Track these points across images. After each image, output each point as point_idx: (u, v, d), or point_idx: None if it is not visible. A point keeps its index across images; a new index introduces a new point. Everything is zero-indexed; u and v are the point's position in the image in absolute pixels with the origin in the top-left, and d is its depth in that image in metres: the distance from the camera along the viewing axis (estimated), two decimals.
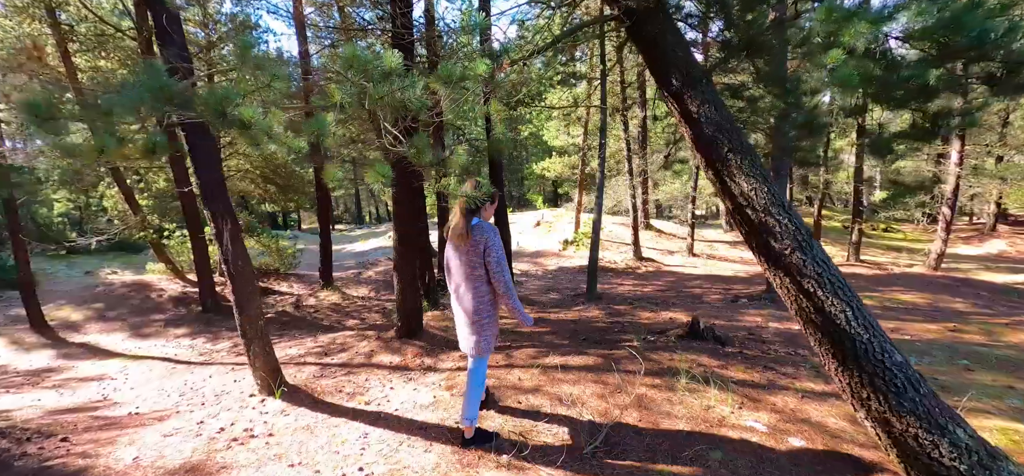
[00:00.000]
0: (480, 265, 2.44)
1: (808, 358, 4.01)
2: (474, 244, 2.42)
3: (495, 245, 2.43)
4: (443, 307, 7.02)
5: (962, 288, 8.33)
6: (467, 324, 2.56)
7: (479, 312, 2.51)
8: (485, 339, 2.56)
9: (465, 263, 2.47)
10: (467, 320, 2.55)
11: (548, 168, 15.22)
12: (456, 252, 2.54)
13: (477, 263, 2.44)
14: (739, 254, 14.38)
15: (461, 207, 2.46)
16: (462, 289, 2.53)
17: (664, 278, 10.71)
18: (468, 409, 2.63)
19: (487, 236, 2.42)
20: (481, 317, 2.52)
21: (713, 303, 7.56)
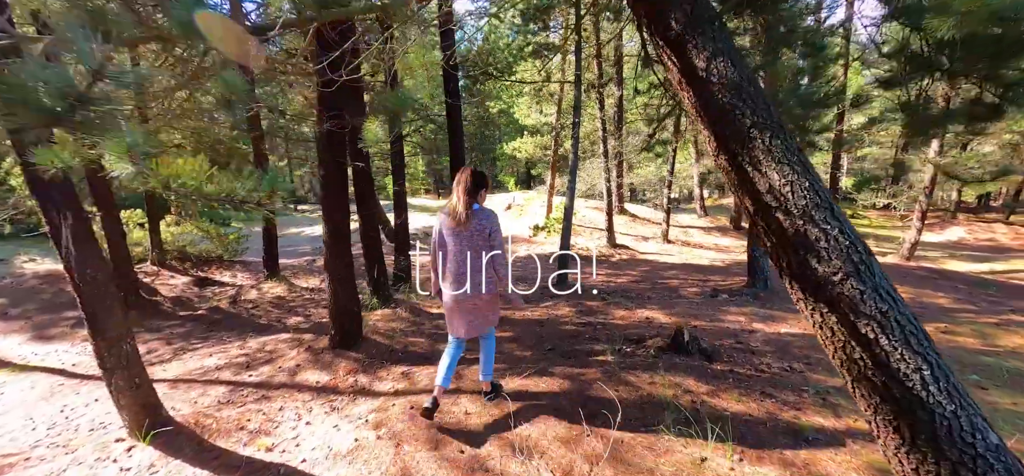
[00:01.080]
0: (487, 249, 2.52)
1: (807, 377, 3.45)
2: (479, 229, 2.49)
3: (499, 230, 2.57)
4: (395, 305, 6.22)
5: (940, 281, 8.13)
6: (476, 305, 2.61)
7: (489, 292, 2.59)
8: (494, 314, 2.77)
9: (469, 247, 2.51)
10: (476, 301, 2.60)
11: (519, 148, 14.41)
12: (457, 237, 2.55)
13: (483, 247, 2.51)
14: (714, 241, 14.11)
15: (464, 190, 2.48)
16: (466, 273, 2.54)
17: (638, 267, 10.20)
18: (486, 369, 2.92)
19: (493, 221, 2.55)
20: (490, 297, 2.62)
21: (691, 298, 7.04)
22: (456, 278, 2.59)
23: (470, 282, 2.55)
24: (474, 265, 2.53)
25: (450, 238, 2.58)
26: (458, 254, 2.55)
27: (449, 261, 2.60)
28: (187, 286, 9.84)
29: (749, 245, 6.72)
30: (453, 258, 2.57)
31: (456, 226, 2.52)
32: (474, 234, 2.50)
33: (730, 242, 14.00)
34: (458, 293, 2.58)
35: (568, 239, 7.55)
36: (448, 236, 2.59)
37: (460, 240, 2.54)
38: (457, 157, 6.84)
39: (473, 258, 2.51)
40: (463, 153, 6.93)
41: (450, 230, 2.57)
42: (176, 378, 4.51)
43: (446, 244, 2.61)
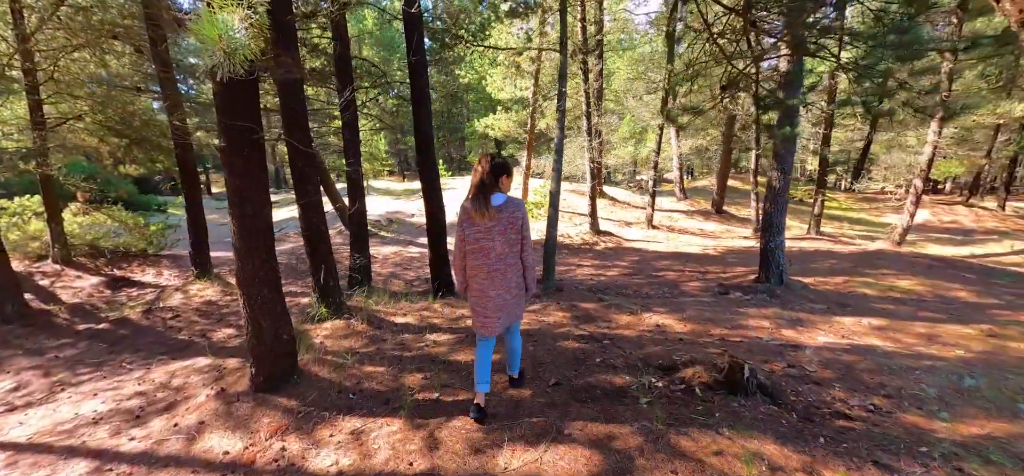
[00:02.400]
0: (518, 240, 2.45)
1: (908, 426, 2.60)
2: (512, 221, 2.40)
3: (528, 220, 2.50)
4: (349, 315, 5.03)
5: (947, 270, 7.71)
6: (507, 300, 2.51)
7: (520, 286, 2.56)
8: (521, 308, 2.66)
9: (502, 240, 2.41)
10: (508, 296, 2.51)
11: (492, 125, 13.18)
12: (487, 230, 2.40)
13: (515, 238, 2.44)
14: (698, 225, 13.54)
15: (483, 180, 2.35)
16: (499, 265, 2.43)
17: (627, 257, 9.36)
18: (514, 362, 2.93)
19: (523, 211, 2.46)
20: (520, 290, 2.57)
21: (696, 295, 6.22)
22: (490, 273, 2.44)
23: (505, 277, 2.46)
24: (509, 259, 2.45)
25: (480, 233, 2.41)
26: (491, 249, 2.42)
27: (481, 257, 2.44)
28: (97, 289, 8.20)
29: (763, 236, 5.93)
30: (485, 253, 2.43)
31: (484, 220, 2.37)
32: (506, 227, 2.39)
33: (715, 227, 13.46)
34: (495, 289, 2.46)
35: (555, 228, 6.54)
36: (477, 231, 2.42)
37: (491, 234, 2.40)
38: (423, 130, 5.65)
39: (507, 252, 2.44)
40: (430, 125, 5.75)
41: (478, 224, 2.40)
42: (29, 440, 3.23)
43: (475, 240, 2.43)
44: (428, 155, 5.77)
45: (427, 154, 5.76)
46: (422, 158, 5.81)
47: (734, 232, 12.78)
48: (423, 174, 5.84)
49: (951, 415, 2.81)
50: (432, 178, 5.86)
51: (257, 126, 2.53)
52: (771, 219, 5.77)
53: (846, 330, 4.66)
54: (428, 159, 5.79)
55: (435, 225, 5.99)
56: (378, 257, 9.76)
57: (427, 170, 5.81)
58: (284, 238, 12.25)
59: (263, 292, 2.83)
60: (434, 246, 6.12)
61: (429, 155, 5.78)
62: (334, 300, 5.09)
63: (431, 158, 5.82)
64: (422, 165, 5.83)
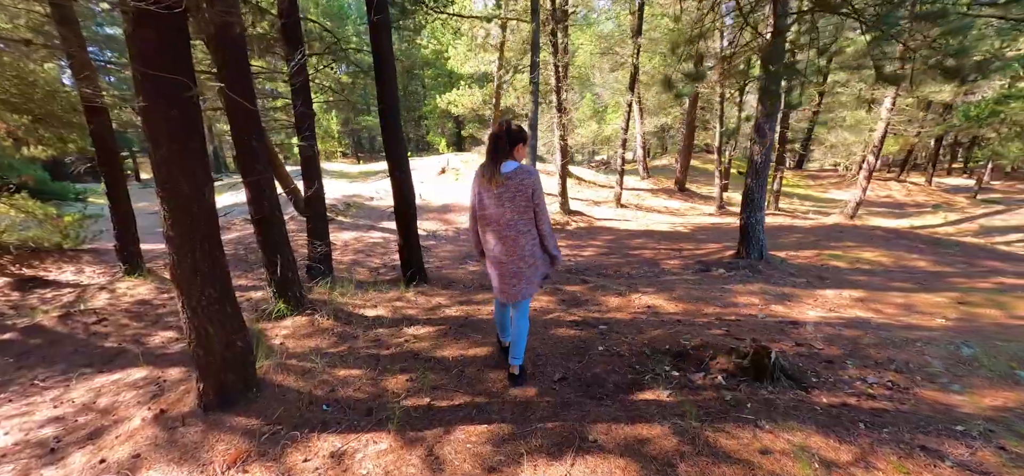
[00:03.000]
0: (530, 208, 2.41)
1: (933, 402, 2.51)
2: (522, 188, 2.35)
3: (541, 188, 2.45)
4: (312, 310, 4.49)
5: (901, 241, 8.11)
6: (520, 268, 2.46)
7: (533, 255, 2.49)
8: (536, 282, 2.56)
9: (511, 208, 2.37)
10: (522, 264, 2.46)
11: (455, 101, 12.54)
12: (497, 198, 2.38)
13: (526, 206, 2.39)
14: (663, 203, 13.68)
15: (496, 146, 2.34)
16: (510, 232, 2.40)
17: (601, 237, 9.21)
18: (516, 350, 2.69)
19: (536, 178, 2.42)
20: (535, 259, 2.50)
21: (679, 273, 6.13)
22: (501, 240, 2.44)
23: (517, 244, 2.43)
24: (519, 227, 2.42)
25: (490, 199, 2.41)
26: (501, 215, 2.41)
27: (492, 223, 2.45)
28: (0, 292, 7.03)
29: (743, 211, 5.89)
30: (495, 220, 2.43)
31: (493, 186, 2.36)
32: (515, 194, 2.36)
33: (679, 204, 13.65)
34: (507, 256, 2.45)
35: None
36: (487, 198, 2.43)
37: (501, 201, 2.39)
38: (388, 98, 5.07)
39: (517, 219, 2.41)
40: (395, 92, 5.17)
41: (488, 191, 2.41)
42: None
43: (485, 206, 2.45)
44: (394, 127, 5.21)
45: (393, 126, 5.20)
46: (388, 130, 5.24)
47: (698, 209, 13.02)
48: (389, 148, 5.27)
49: (963, 387, 2.76)
50: (399, 153, 5.31)
51: (190, 80, 1.97)
52: (751, 194, 5.72)
53: (830, 302, 4.67)
54: (394, 131, 5.23)
55: (405, 207, 5.48)
56: (337, 244, 9.06)
57: (394, 144, 5.25)
58: (229, 226, 11.16)
59: (208, 291, 2.29)
60: (404, 231, 5.62)
61: (395, 126, 5.22)
62: (294, 293, 4.51)
63: (398, 130, 5.26)
64: (388, 138, 5.26)
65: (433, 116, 24.24)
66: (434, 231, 10.31)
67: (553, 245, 2.55)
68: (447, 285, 5.74)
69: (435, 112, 22.68)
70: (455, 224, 10.86)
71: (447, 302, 4.95)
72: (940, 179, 23.43)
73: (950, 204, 17.25)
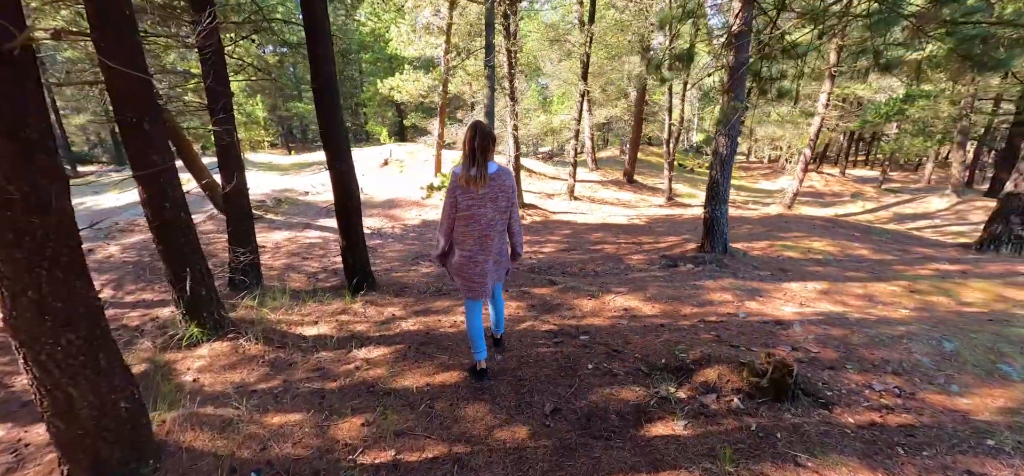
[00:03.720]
0: (508, 208, 2.51)
1: (921, 399, 2.36)
2: (503, 188, 2.43)
3: (516, 187, 2.60)
4: (235, 333, 3.73)
5: (839, 230, 8.55)
6: (494, 265, 2.59)
7: (504, 253, 2.67)
8: (505, 269, 2.75)
9: (492, 207, 2.43)
10: (496, 259, 2.59)
11: (398, 87, 11.67)
12: (480, 200, 2.41)
13: (505, 206, 2.48)
14: (615, 195, 13.72)
15: (481, 149, 2.30)
16: (489, 231, 2.47)
17: (559, 231, 8.91)
18: (501, 321, 3.13)
19: (512, 179, 2.50)
20: (504, 257, 2.69)
21: (645, 268, 5.93)
22: (480, 239, 2.48)
23: (494, 243, 2.52)
24: (498, 227, 2.50)
25: (472, 200, 2.41)
26: (482, 216, 2.44)
27: (472, 224, 2.45)
28: None
29: (707, 204, 5.79)
30: (476, 220, 2.44)
31: (477, 188, 2.36)
32: (497, 194, 2.42)
33: (630, 196, 13.76)
34: (484, 255, 2.50)
35: None
36: (469, 198, 2.41)
37: (483, 202, 2.41)
38: (324, 72, 4.32)
39: (497, 219, 2.48)
40: (332, 65, 4.43)
41: (471, 192, 2.39)
42: None
43: (466, 207, 2.42)
44: (331, 108, 4.46)
45: (330, 107, 4.45)
46: (324, 113, 4.47)
47: (648, 200, 13.19)
48: (327, 134, 4.51)
49: (960, 388, 2.67)
50: (338, 140, 4.56)
51: (13, 23, 1.27)
52: (717, 187, 5.63)
53: (798, 296, 4.64)
54: (332, 114, 4.48)
55: (348, 202, 4.75)
56: (267, 246, 8.01)
57: (332, 129, 4.50)
58: (131, 227, 9.59)
59: (66, 338, 1.58)
60: (347, 230, 4.90)
61: (332, 108, 4.47)
62: (210, 313, 3.70)
63: (336, 112, 4.52)
64: (325, 122, 4.50)
65: (373, 104, 22.77)
66: (380, 228, 9.50)
67: (520, 240, 2.71)
68: (400, 291, 5.11)
69: (375, 99, 21.31)
70: (402, 220, 10.09)
71: (402, 313, 4.34)
72: (850, 171, 25.86)
73: (862, 193, 19.00)
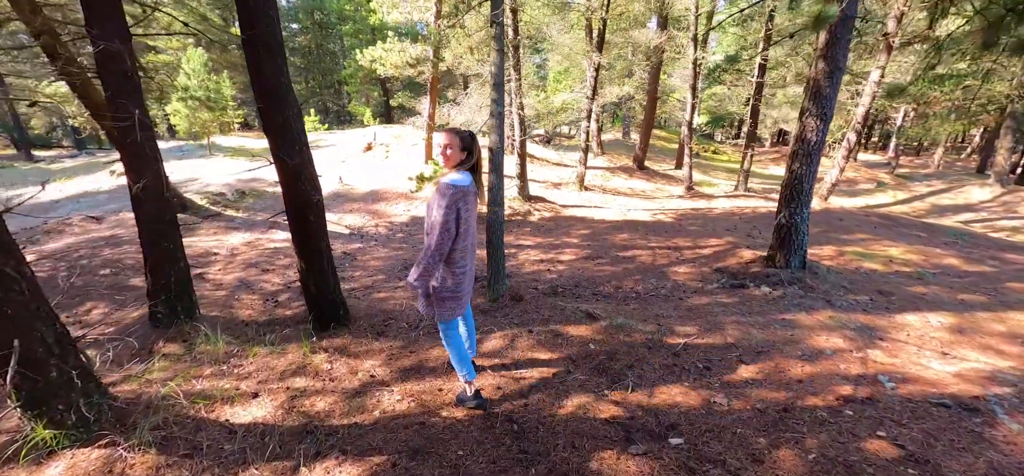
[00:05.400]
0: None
1: None
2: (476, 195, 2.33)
3: None
4: (117, 432, 2.36)
5: (901, 229, 7.36)
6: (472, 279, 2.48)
7: None
8: None
9: (474, 217, 2.34)
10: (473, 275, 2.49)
11: (381, 59, 10.12)
12: (473, 209, 2.32)
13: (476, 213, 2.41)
14: (627, 183, 12.42)
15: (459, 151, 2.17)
16: (473, 243, 2.41)
17: (574, 230, 7.60)
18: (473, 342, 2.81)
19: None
20: None
21: (699, 286, 4.68)
22: (471, 252, 2.41)
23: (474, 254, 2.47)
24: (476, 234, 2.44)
25: (471, 214, 2.28)
26: (472, 228, 2.35)
27: (468, 238, 2.31)
28: None
29: (784, 204, 4.51)
30: (472, 235, 2.37)
31: (472, 199, 2.26)
32: (476, 203, 2.36)
33: (644, 185, 12.47)
34: (472, 267, 2.45)
35: (501, 205, 4.37)
36: (470, 213, 2.27)
37: (471, 213, 2.29)
38: (261, 21, 2.87)
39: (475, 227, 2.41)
40: (275, 18, 2.97)
41: (471, 206, 2.28)
42: None
43: (466, 221, 2.24)
44: (273, 69, 3.01)
45: (272, 67, 3.00)
46: (263, 72, 2.99)
47: (665, 190, 11.94)
48: (269, 111, 3.03)
49: None
50: (286, 118, 3.09)
51: None
52: (800, 184, 4.34)
53: (926, 337, 3.44)
54: (273, 77, 3.01)
55: (304, 208, 3.36)
56: (220, 253, 6.58)
57: (275, 102, 3.03)
58: (61, 228, 8.08)
59: None
60: (306, 246, 3.53)
61: (275, 68, 3.01)
62: (70, 403, 2.33)
63: (279, 75, 3.05)
64: (265, 90, 3.01)
65: (355, 81, 21.00)
66: (360, 227, 8.09)
67: None
68: (382, 328, 3.80)
69: (357, 76, 19.57)
70: (388, 217, 8.69)
71: (385, 372, 3.03)
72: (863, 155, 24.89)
73: (878, 180, 17.98)
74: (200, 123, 14.69)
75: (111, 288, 5.30)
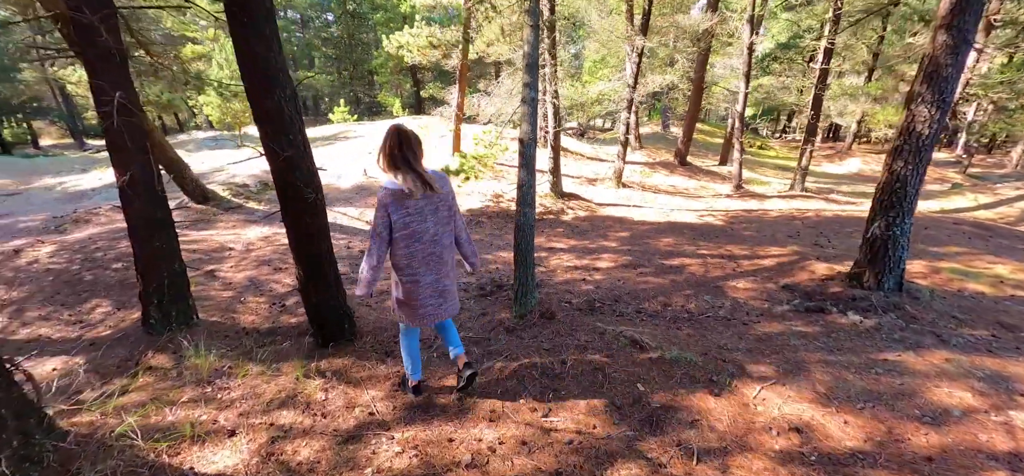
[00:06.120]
0: (452, 218, 2.31)
1: None
2: (445, 197, 2.23)
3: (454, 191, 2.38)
4: None
5: (998, 240, 6.27)
6: (445, 285, 2.32)
7: (454, 267, 2.38)
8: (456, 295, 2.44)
9: (433, 219, 2.21)
10: (446, 280, 2.33)
11: (407, 45, 9.68)
12: (419, 210, 2.16)
13: (447, 217, 2.28)
14: (667, 180, 11.55)
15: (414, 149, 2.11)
16: (434, 247, 2.24)
17: (611, 232, 6.92)
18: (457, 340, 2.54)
19: (451, 186, 2.32)
20: (455, 271, 2.41)
21: (762, 308, 3.94)
22: (425, 259, 2.23)
23: (442, 260, 2.27)
24: (444, 240, 2.27)
25: (410, 215, 2.14)
26: (425, 232, 2.20)
27: (413, 242, 2.18)
28: None
29: (881, 211, 3.70)
30: (417, 237, 2.18)
31: (416, 199, 2.12)
32: (438, 204, 2.20)
33: (688, 182, 11.56)
34: (431, 274, 2.26)
35: (532, 205, 3.76)
36: (406, 213, 2.14)
37: (424, 215, 2.17)
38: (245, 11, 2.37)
39: (440, 232, 2.25)
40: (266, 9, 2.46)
41: (408, 205, 2.13)
42: None
43: (404, 224, 2.15)
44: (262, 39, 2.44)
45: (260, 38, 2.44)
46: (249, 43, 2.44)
47: (710, 188, 11.00)
48: (257, 90, 2.52)
49: None
50: (277, 100, 2.56)
51: None
52: (902, 186, 3.52)
53: None
54: (263, 49, 2.47)
55: (301, 208, 2.88)
56: (235, 248, 6.29)
57: (264, 82, 2.52)
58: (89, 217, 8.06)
59: None
60: (305, 250, 3.05)
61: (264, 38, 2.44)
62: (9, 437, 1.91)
63: (270, 48, 2.49)
64: (253, 67, 2.49)
65: (385, 71, 20.81)
66: None
67: (473, 250, 2.44)
68: (392, 344, 3.35)
69: (387, 65, 19.34)
70: None
71: (387, 409, 2.54)
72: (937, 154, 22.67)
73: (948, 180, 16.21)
74: (231, 114, 14.77)
75: (119, 284, 5.05)
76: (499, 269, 5.33)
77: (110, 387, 3.00)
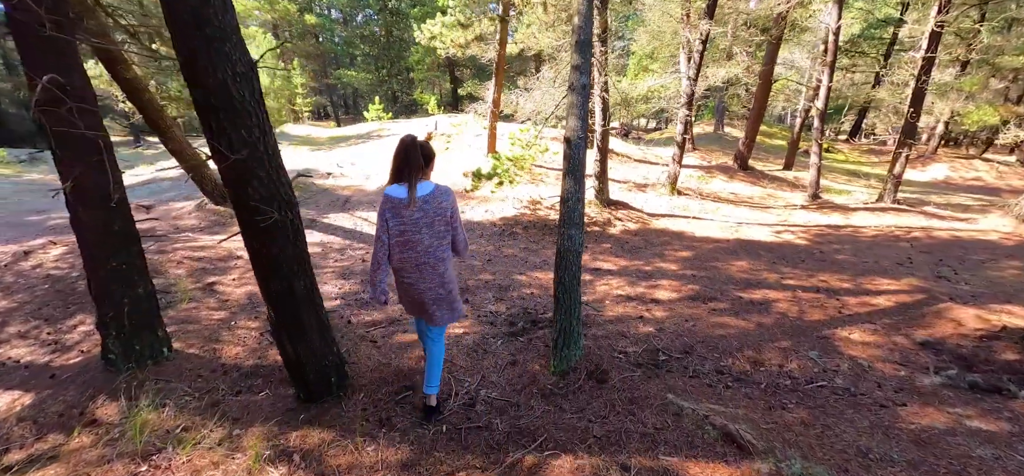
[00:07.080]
0: (449, 232, 2.29)
1: None
2: (439, 210, 2.22)
3: (457, 204, 2.34)
4: None
5: None
6: (441, 294, 2.32)
7: (453, 278, 2.38)
8: (459, 305, 2.42)
9: (429, 232, 2.22)
10: (442, 290, 2.31)
11: (439, 36, 8.96)
12: (413, 222, 2.18)
13: (444, 231, 2.27)
14: (728, 188, 10.25)
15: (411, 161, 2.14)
16: (428, 259, 2.24)
17: (668, 251, 5.87)
18: (431, 377, 2.47)
19: (451, 199, 2.29)
20: (454, 282, 2.39)
21: (890, 375, 2.86)
22: (418, 268, 2.25)
23: (436, 270, 2.27)
24: (439, 252, 2.26)
25: (404, 225, 2.18)
26: (418, 242, 2.21)
27: (407, 250, 2.22)
28: None
29: None
30: (412, 247, 2.21)
31: (409, 210, 2.15)
32: (433, 218, 2.20)
33: (752, 189, 10.22)
34: (425, 283, 2.26)
35: (580, 227, 2.85)
36: (401, 223, 2.18)
37: (418, 227, 2.19)
38: None
39: (435, 245, 2.24)
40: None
41: (403, 216, 2.17)
42: None
43: (399, 233, 2.19)
44: (197, 5, 1.71)
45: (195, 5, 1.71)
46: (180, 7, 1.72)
47: (780, 197, 9.63)
48: (192, 68, 1.76)
49: None
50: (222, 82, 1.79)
51: None
52: None
53: None
54: (198, 17, 1.72)
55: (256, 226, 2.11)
56: (242, 257, 5.72)
57: (201, 58, 1.76)
58: None
59: None
60: (268, 280, 2.28)
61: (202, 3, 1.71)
62: None
63: (207, 13, 1.73)
64: (184, 34, 1.76)
65: (422, 67, 20.37)
66: None
67: (465, 246, 2.39)
68: (390, 407, 2.60)
69: (425, 62, 18.86)
70: None
71: None
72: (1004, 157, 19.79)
73: None
74: None
75: None
76: (534, 295, 4.44)
77: (39, 447, 2.39)
